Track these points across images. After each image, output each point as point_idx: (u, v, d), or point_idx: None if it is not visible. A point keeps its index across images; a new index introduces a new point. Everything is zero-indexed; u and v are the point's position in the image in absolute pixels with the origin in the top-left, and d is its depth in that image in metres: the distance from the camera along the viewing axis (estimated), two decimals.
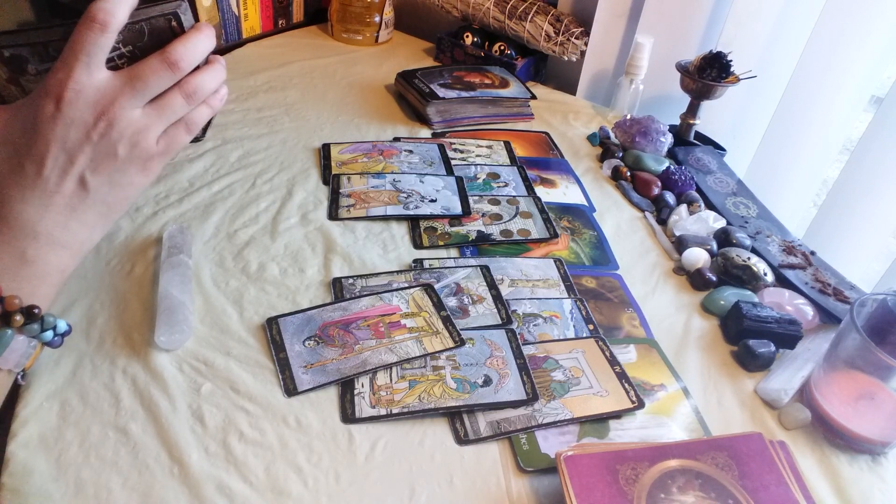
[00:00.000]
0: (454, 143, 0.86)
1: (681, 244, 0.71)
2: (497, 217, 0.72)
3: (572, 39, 0.99)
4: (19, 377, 0.45)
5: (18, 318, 0.41)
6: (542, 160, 0.86)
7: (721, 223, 0.75)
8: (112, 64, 0.44)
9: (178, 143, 0.48)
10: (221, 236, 0.65)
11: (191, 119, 0.48)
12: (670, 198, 0.79)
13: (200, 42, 0.46)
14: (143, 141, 0.45)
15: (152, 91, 0.44)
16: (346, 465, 0.45)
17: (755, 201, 0.81)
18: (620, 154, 0.88)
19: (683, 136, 0.93)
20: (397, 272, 0.63)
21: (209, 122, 0.59)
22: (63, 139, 0.42)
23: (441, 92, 0.91)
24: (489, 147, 0.86)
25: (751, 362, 0.58)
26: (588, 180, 0.83)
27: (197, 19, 0.87)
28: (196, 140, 0.56)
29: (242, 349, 0.53)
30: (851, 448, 0.52)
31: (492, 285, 0.62)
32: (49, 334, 0.44)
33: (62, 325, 0.45)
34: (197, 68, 0.46)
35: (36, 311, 0.42)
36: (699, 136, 0.94)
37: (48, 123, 0.42)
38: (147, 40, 0.45)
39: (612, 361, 0.56)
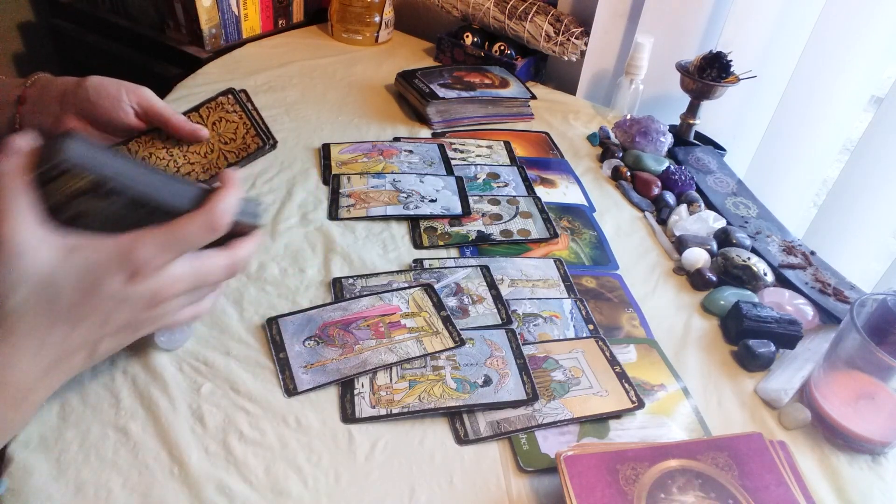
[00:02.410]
0: (454, 143, 0.86)
1: (681, 244, 0.71)
2: (497, 217, 0.72)
3: (572, 39, 0.99)
4: None
5: None
6: (542, 160, 0.86)
7: (721, 223, 0.75)
8: None
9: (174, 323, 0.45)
10: None
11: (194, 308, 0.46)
12: (670, 198, 0.79)
13: (253, 251, 0.45)
14: (164, 322, 0.43)
15: (208, 285, 0.44)
16: (346, 465, 0.45)
17: (755, 201, 0.81)
18: (620, 154, 0.88)
19: (683, 136, 0.93)
20: (397, 272, 0.63)
21: (271, 133, 0.59)
22: (110, 313, 0.39)
23: (441, 92, 0.90)
24: (489, 147, 0.86)
25: (751, 362, 0.58)
26: (588, 180, 0.83)
27: None
28: (272, 148, 0.57)
29: (242, 349, 0.53)
30: (851, 448, 0.52)
31: (492, 285, 0.62)
32: None
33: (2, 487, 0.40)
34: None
35: None
36: (699, 136, 0.94)
37: (107, 295, 0.38)
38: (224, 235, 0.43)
39: (612, 361, 0.55)
